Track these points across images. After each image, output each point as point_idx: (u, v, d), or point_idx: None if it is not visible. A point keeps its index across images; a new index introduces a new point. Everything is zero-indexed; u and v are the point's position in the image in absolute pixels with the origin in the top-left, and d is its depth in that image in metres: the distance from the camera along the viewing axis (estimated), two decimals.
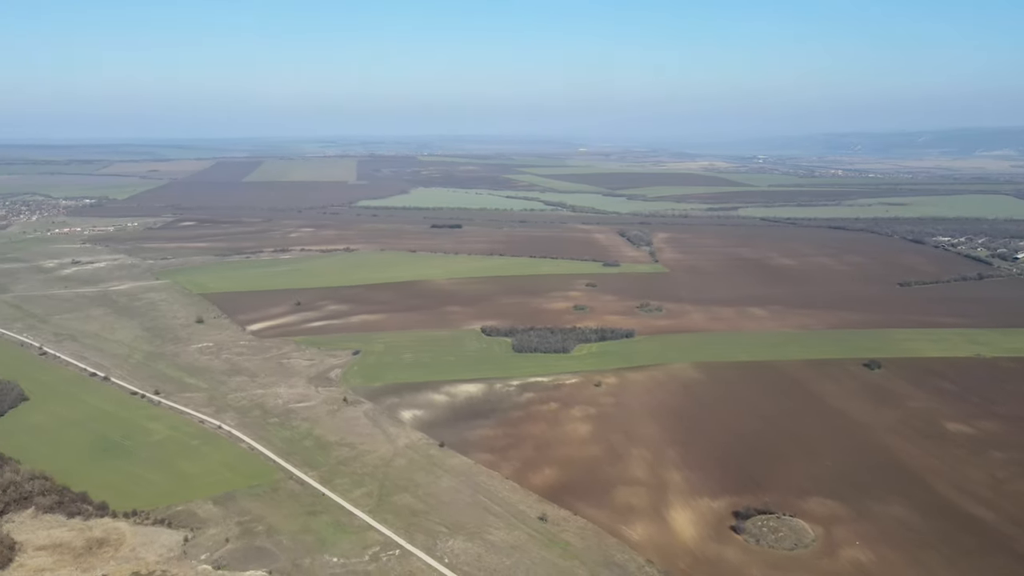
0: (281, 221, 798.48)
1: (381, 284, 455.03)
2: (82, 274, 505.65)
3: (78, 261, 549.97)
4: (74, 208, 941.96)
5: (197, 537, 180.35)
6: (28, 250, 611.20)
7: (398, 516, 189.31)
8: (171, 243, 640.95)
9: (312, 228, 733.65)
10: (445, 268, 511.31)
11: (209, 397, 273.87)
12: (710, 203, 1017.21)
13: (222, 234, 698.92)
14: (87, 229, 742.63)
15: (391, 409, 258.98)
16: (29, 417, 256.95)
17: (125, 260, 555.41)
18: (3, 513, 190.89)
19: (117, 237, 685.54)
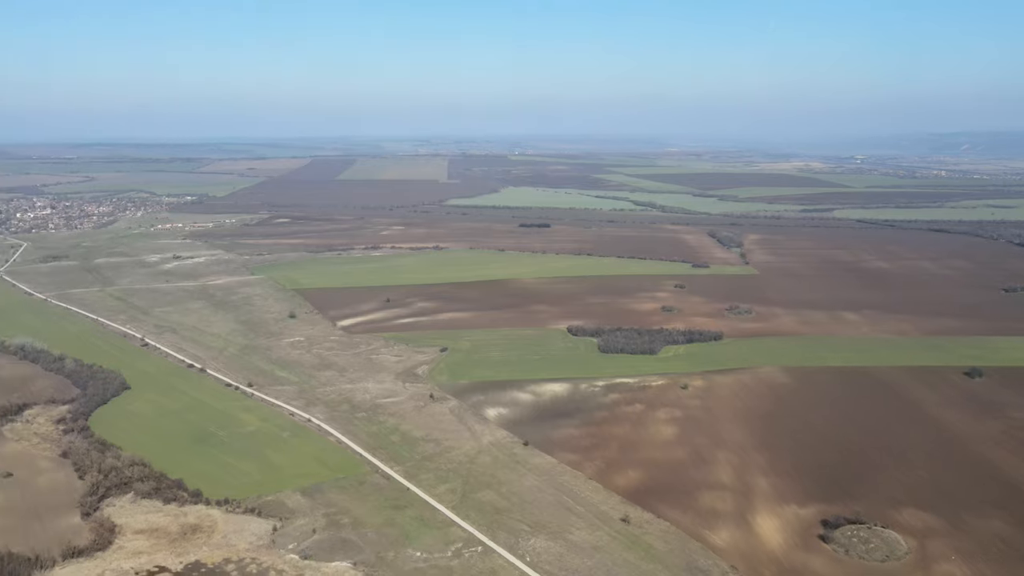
0: (373, 219, 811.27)
1: (469, 282, 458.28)
2: (182, 269, 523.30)
3: (179, 256, 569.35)
4: (176, 205, 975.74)
5: (285, 527, 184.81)
6: (132, 245, 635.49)
7: (481, 513, 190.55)
8: (266, 239, 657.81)
9: (403, 226, 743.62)
10: (533, 267, 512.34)
11: (299, 390, 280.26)
12: (804, 204, 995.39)
13: (315, 231, 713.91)
14: (188, 225, 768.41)
15: (476, 406, 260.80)
16: (130, 405, 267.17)
17: (222, 256, 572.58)
18: (104, 497, 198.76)
19: (215, 233, 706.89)
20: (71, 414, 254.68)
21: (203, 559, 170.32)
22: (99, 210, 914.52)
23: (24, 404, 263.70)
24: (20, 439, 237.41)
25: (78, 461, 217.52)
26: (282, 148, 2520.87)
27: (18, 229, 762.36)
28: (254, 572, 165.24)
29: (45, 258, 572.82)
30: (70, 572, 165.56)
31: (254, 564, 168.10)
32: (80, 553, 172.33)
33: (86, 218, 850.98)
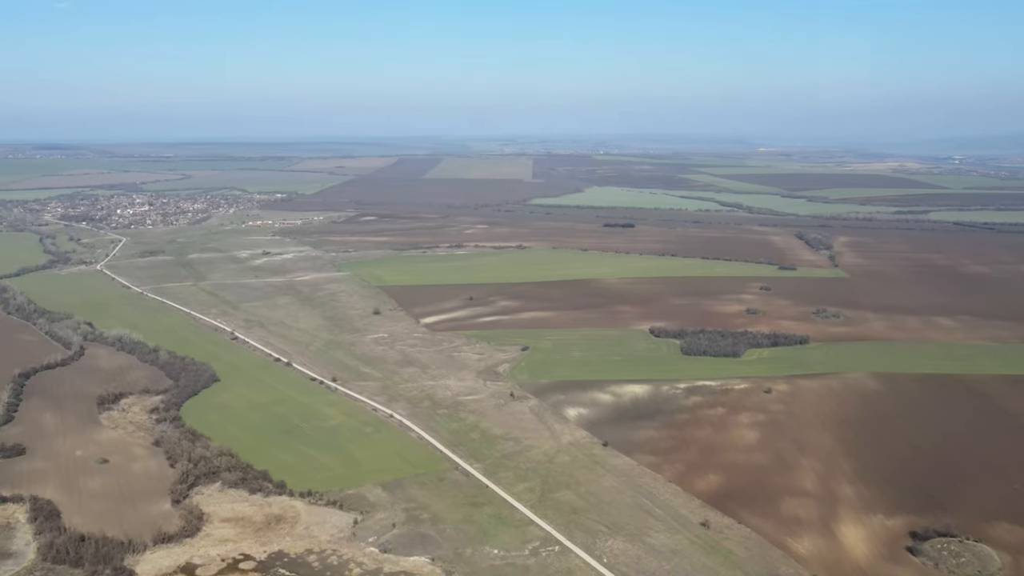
0: (457, 217, 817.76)
1: (552, 282, 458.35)
2: (271, 264, 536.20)
3: (268, 252, 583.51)
4: (266, 202, 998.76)
5: (366, 520, 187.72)
6: (224, 241, 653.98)
7: (559, 512, 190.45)
8: (353, 236, 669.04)
9: (487, 225, 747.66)
10: (616, 267, 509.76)
11: (382, 386, 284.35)
12: (898, 206, 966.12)
13: (401, 229, 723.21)
14: (277, 222, 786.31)
15: (556, 406, 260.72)
16: (219, 397, 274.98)
17: (310, 252, 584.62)
18: (193, 485, 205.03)
19: (304, 230, 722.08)
20: (164, 404, 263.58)
21: (286, 549, 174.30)
22: (194, 207, 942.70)
23: (120, 393, 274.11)
24: (116, 427, 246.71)
25: (170, 450, 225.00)
26: (371, 147, 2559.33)
27: (118, 225, 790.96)
28: (335, 564, 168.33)
29: (142, 253, 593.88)
30: (160, 557, 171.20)
31: (335, 556, 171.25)
32: (170, 539, 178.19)
33: (181, 214, 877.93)
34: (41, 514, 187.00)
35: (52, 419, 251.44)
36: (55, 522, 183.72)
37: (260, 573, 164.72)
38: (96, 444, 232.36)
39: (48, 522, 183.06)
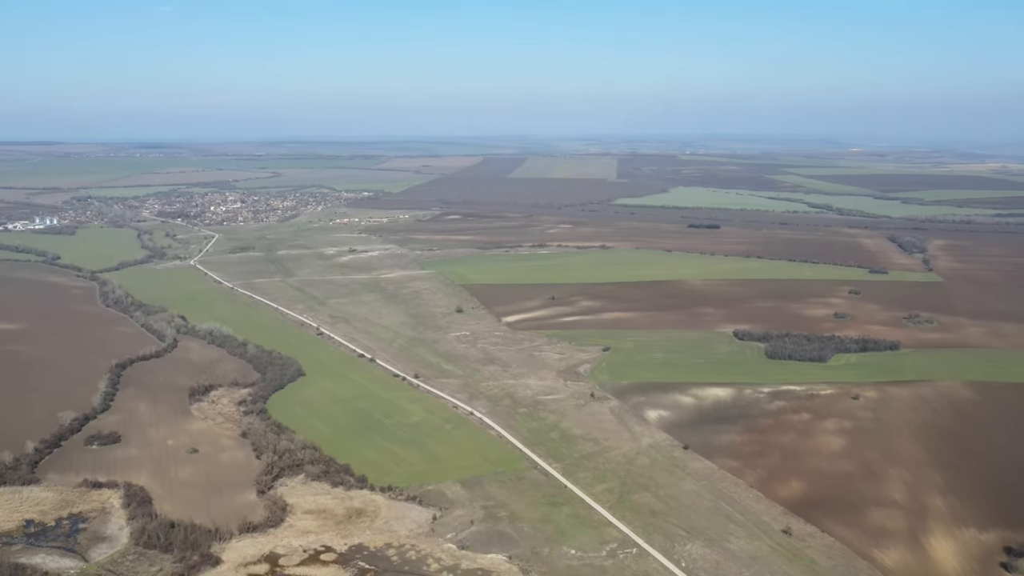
0: (541, 217, 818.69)
1: (634, 282, 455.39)
2: (357, 262, 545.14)
3: (354, 249, 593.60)
4: (353, 200, 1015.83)
5: (445, 517, 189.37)
6: (312, 238, 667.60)
7: (637, 515, 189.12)
8: (437, 235, 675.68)
9: (570, 225, 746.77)
10: (700, 268, 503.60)
11: (463, 384, 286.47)
12: (998, 208, 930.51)
13: (484, 228, 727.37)
14: (364, 220, 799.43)
15: (637, 407, 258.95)
16: (304, 391, 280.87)
17: (395, 250, 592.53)
18: (278, 477, 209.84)
19: (389, 228, 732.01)
20: (251, 397, 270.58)
21: (366, 542, 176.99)
22: (283, 204, 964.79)
23: (210, 385, 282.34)
24: (206, 418, 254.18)
25: (256, 441, 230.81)
26: (457, 146, 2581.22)
27: (211, 221, 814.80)
28: (413, 559, 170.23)
29: (233, 249, 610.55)
30: (245, 545, 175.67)
31: (413, 551, 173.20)
32: (254, 528, 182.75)
33: (271, 212, 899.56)
34: (134, 500, 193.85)
35: (146, 409, 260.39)
36: (147, 508, 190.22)
37: (340, 565, 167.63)
38: (187, 434, 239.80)
39: (140, 508, 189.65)
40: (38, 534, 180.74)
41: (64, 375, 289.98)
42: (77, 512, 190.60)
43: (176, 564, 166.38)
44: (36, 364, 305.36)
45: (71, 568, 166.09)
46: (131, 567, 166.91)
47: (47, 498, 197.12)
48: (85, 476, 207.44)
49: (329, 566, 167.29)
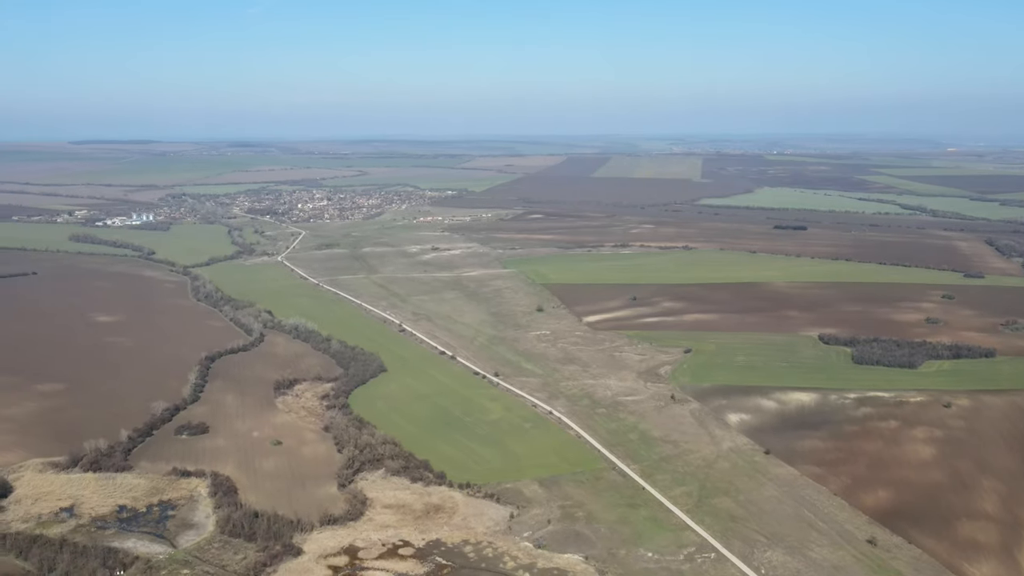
0: (623, 217, 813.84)
1: (717, 284, 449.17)
2: (439, 260, 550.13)
3: (437, 248, 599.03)
4: (437, 199, 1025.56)
5: (522, 515, 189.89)
6: (396, 236, 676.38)
7: (716, 519, 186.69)
8: (519, 234, 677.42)
9: (653, 225, 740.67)
10: (785, 270, 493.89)
11: (543, 383, 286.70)
12: None
13: (566, 227, 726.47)
14: (447, 218, 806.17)
15: (718, 411, 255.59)
16: (386, 387, 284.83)
17: (477, 248, 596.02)
18: (359, 471, 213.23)
19: (472, 227, 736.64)
20: (334, 391, 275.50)
21: (443, 538, 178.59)
22: (368, 202, 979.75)
23: (295, 379, 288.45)
24: (290, 411, 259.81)
25: (338, 435, 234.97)
26: (540, 145, 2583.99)
27: (298, 218, 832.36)
28: (490, 556, 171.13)
29: (319, 246, 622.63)
30: (326, 537, 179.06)
31: (490, 548, 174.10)
32: (335, 521, 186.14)
33: (357, 209, 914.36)
34: (220, 489, 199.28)
35: (233, 401, 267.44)
36: (232, 498, 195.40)
37: (418, 560, 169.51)
38: (271, 426, 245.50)
39: (226, 497, 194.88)
40: (130, 519, 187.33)
41: (157, 366, 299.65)
42: (167, 499, 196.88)
43: (259, 553, 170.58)
44: (131, 355, 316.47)
45: (160, 553, 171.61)
46: (217, 554, 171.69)
47: (139, 485, 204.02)
48: (175, 465, 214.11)
49: (407, 560, 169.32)
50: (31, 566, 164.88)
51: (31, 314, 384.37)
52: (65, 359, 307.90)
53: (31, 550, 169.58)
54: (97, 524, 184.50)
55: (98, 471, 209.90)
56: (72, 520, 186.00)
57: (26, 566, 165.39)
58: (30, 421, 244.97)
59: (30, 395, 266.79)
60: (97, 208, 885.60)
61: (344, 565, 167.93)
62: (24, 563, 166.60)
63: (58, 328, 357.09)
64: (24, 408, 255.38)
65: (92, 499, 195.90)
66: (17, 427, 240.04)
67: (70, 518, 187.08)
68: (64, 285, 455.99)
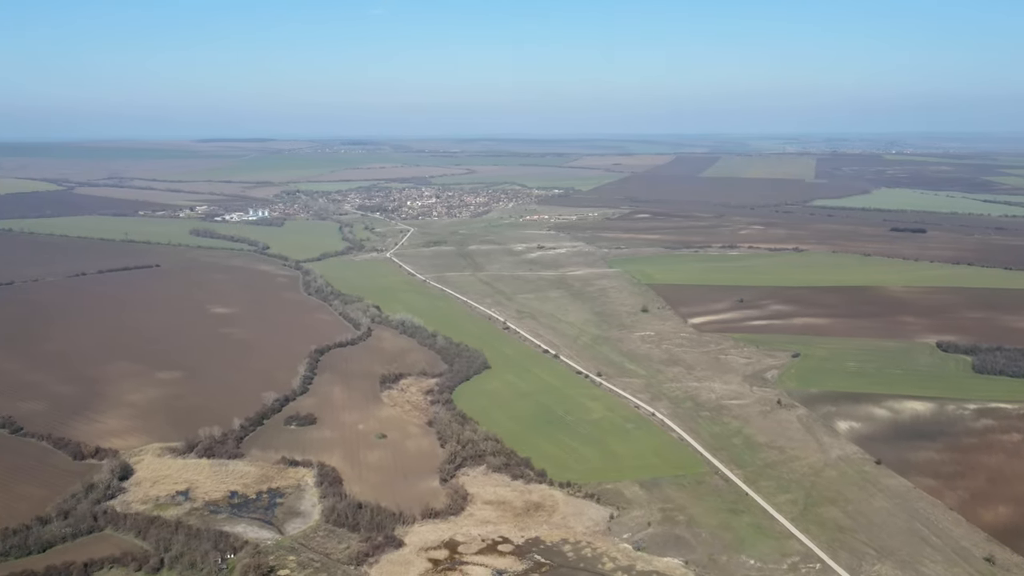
0: (732, 217, 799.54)
1: (829, 287, 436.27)
2: (545, 258, 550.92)
3: (543, 246, 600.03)
4: (544, 197, 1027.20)
5: (621, 516, 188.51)
6: (502, 234, 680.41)
7: (822, 529, 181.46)
8: (625, 234, 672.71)
9: (762, 226, 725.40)
10: (902, 274, 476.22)
11: (646, 384, 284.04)
12: None
13: (673, 227, 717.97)
14: (553, 217, 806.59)
15: (826, 417, 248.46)
16: (489, 384, 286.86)
17: (583, 248, 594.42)
18: (460, 466, 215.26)
19: (578, 226, 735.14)
20: (438, 387, 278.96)
21: (542, 536, 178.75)
22: (476, 200, 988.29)
23: (400, 374, 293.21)
24: (395, 405, 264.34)
25: (441, 430, 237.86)
26: (648, 144, 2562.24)
27: (407, 216, 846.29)
28: (588, 556, 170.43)
29: (427, 243, 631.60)
30: (427, 530, 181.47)
31: (589, 548, 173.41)
32: (436, 515, 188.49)
33: (464, 207, 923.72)
34: (326, 480, 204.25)
35: (340, 393, 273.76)
36: (338, 488, 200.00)
37: (517, 557, 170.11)
38: (376, 420, 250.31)
39: (332, 488, 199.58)
40: (240, 505, 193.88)
41: (268, 358, 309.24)
42: (275, 487, 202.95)
43: (362, 543, 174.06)
44: (245, 346, 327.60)
45: (268, 539, 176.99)
46: (321, 543, 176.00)
47: (250, 472, 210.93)
48: (283, 454, 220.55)
49: (506, 557, 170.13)
50: (149, 545, 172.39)
51: (154, 305, 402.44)
52: (184, 348, 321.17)
53: (149, 530, 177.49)
54: (210, 508, 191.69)
55: (212, 457, 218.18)
56: (187, 503, 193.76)
57: (144, 545, 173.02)
58: (150, 407, 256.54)
59: (151, 382, 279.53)
60: (216, 204, 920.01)
61: (444, 559, 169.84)
62: (142, 542, 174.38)
63: (178, 318, 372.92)
64: (145, 395, 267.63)
65: (206, 484, 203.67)
66: (138, 413, 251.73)
67: (185, 501, 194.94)
68: (184, 277, 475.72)
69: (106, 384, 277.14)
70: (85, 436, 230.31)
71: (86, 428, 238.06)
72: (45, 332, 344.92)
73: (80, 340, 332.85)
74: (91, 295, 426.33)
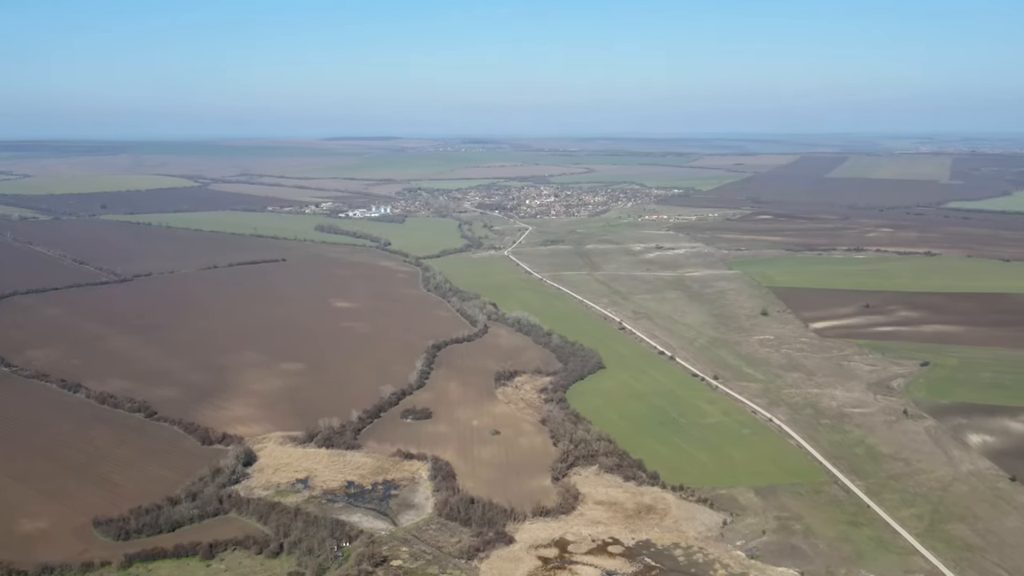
0: (859, 219, 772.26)
1: (962, 293, 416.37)
2: (663, 259, 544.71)
3: (661, 246, 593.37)
4: (663, 197, 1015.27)
5: (735, 523, 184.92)
6: (620, 234, 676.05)
7: (949, 547, 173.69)
8: (746, 235, 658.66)
9: (891, 228, 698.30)
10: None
11: (764, 389, 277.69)
12: None
13: (796, 229, 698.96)
14: (672, 217, 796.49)
15: (957, 430, 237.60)
16: (603, 383, 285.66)
17: (702, 248, 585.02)
18: (572, 465, 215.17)
19: (697, 226, 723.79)
20: (552, 385, 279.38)
21: (653, 539, 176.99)
22: (594, 199, 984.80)
23: (515, 371, 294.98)
24: (509, 402, 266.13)
25: (554, 429, 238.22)
26: (772, 143, 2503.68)
27: (525, 214, 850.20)
28: (700, 561, 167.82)
29: (544, 242, 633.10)
30: (537, 528, 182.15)
31: (700, 554, 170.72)
32: (547, 513, 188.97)
33: (582, 206, 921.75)
34: (440, 473, 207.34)
35: (456, 389, 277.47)
36: (451, 483, 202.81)
37: (627, 559, 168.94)
38: (490, 416, 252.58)
39: (445, 482, 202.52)
40: (357, 495, 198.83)
41: (387, 352, 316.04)
42: (390, 479, 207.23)
43: (473, 538, 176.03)
44: (364, 340, 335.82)
45: (382, 530, 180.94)
46: (434, 536, 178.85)
47: (366, 463, 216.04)
48: (399, 447, 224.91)
49: (615, 558, 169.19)
50: (269, 530, 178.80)
51: (279, 298, 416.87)
52: (306, 341, 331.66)
53: (270, 516, 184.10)
54: (327, 497, 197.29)
55: (330, 447, 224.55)
56: (306, 491, 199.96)
57: (265, 530, 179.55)
58: (274, 397, 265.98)
59: (275, 373, 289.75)
60: (340, 200, 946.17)
61: (554, 557, 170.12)
62: (263, 527, 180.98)
63: (302, 311, 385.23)
64: (269, 385, 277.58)
65: (324, 473, 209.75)
66: (263, 402, 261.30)
67: (304, 489, 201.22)
68: (309, 272, 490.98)
69: (233, 373, 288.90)
70: (213, 422, 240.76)
71: (214, 415, 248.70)
72: (179, 321, 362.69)
73: (211, 330, 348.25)
74: (221, 287, 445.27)
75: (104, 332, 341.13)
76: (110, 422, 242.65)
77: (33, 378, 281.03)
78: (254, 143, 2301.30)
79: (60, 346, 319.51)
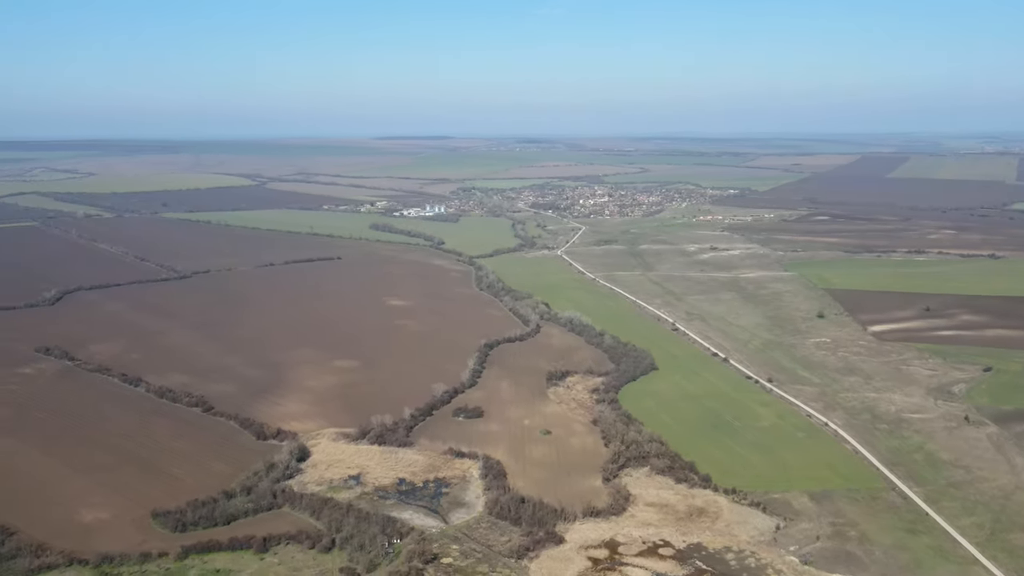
0: (920, 221, 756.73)
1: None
2: (717, 260, 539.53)
3: (715, 247, 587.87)
4: (718, 197, 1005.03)
5: (788, 528, 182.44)
6: (674, 234, 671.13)
7: (1012, 557, 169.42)
8: (802, 236, 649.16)
9: (954, 230, 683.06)
10: None
11: (819, 392, 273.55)
12: None
13: (854, 230, 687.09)
14: (727, 217, 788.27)
15: (1020, 437, 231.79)
16: (655, 385, 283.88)
17: (757, 250, 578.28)
18: (623, 467, 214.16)
19: (753, 227, 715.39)
20: (604, 386, 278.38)
21: (704, 543, 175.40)
22: (648, 199, 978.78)
23: (567, 371, 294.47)
24: (560, 402, 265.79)
25: (605, 430, 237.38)
26: (831, 143, 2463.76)
27: (579, 214, 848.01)
28: (752, 566, 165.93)
29: (598, 242, 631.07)
30: (587, 529, 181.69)
31: (753, 558, 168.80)
32: (597, 514, 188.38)
33: (636, 206, 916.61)
34: (491, 472, 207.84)
35: (508, 388, 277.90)
36: (502, 482, 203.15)
37: (677, 561, 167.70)
38: (542, 416, 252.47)
39: (496, 481, 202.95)
40: (408, 492, 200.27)
41: (440, 350, 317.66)
42: (441, 477, 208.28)
43: (523, 538, 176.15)
44: (417, 338, 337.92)
45: (433, 527, 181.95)
46: (484, 534, 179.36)
47: (418, 461, 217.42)
48: (451, 445, 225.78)
49: (666, 561, 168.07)
50: (322, 525, 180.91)
51: (334, 295, 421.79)
52: (360, 338, 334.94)
53: (323, 511, 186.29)
54: (379, 494, 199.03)
55: (382, 444, 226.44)
56: (358, 488, 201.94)
57: (318, 525, 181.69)
58: (328, 394, 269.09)
59: (329, 370, 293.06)
60: (395, 199, 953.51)
61: (604, 558, 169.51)
62: (316, 522, 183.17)
63: (356, 309, 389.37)
64: (323, 381, 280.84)
65: (376, 470, 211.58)
66: (316, 398, 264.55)
67: (356, 485, 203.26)
68: (363, 270, 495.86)
69: (288, 369, 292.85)
70: (268, 418, 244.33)
71: (268, 410, 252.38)
72: (237, 318, 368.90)
73: (267, 327, 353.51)
74: (278, 284, 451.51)
75: (164, 327, 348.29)
76: (169, 416, 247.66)
77: (95, 372, 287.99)
78: (310, 142, 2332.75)
79: (121, 341, 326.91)
